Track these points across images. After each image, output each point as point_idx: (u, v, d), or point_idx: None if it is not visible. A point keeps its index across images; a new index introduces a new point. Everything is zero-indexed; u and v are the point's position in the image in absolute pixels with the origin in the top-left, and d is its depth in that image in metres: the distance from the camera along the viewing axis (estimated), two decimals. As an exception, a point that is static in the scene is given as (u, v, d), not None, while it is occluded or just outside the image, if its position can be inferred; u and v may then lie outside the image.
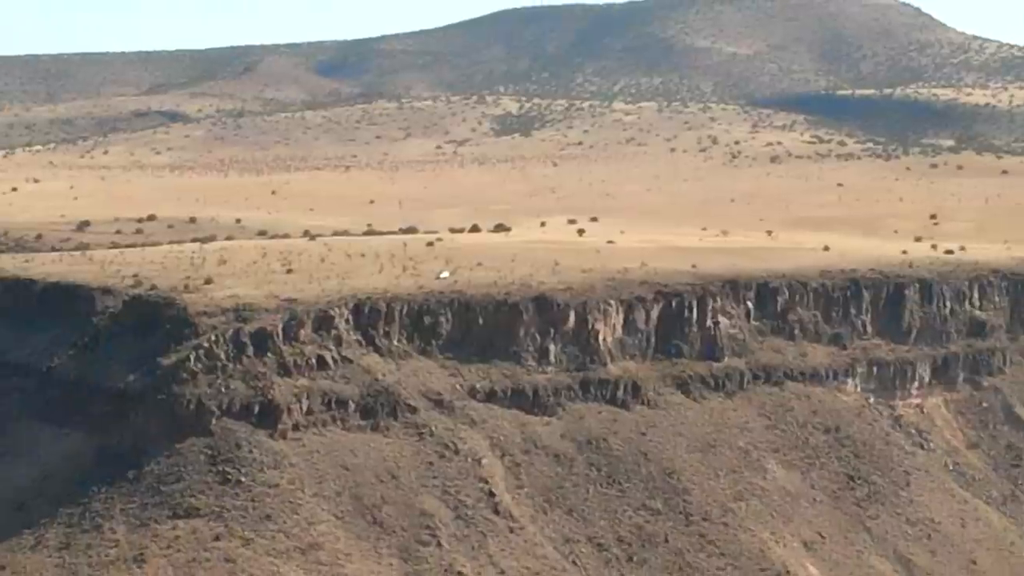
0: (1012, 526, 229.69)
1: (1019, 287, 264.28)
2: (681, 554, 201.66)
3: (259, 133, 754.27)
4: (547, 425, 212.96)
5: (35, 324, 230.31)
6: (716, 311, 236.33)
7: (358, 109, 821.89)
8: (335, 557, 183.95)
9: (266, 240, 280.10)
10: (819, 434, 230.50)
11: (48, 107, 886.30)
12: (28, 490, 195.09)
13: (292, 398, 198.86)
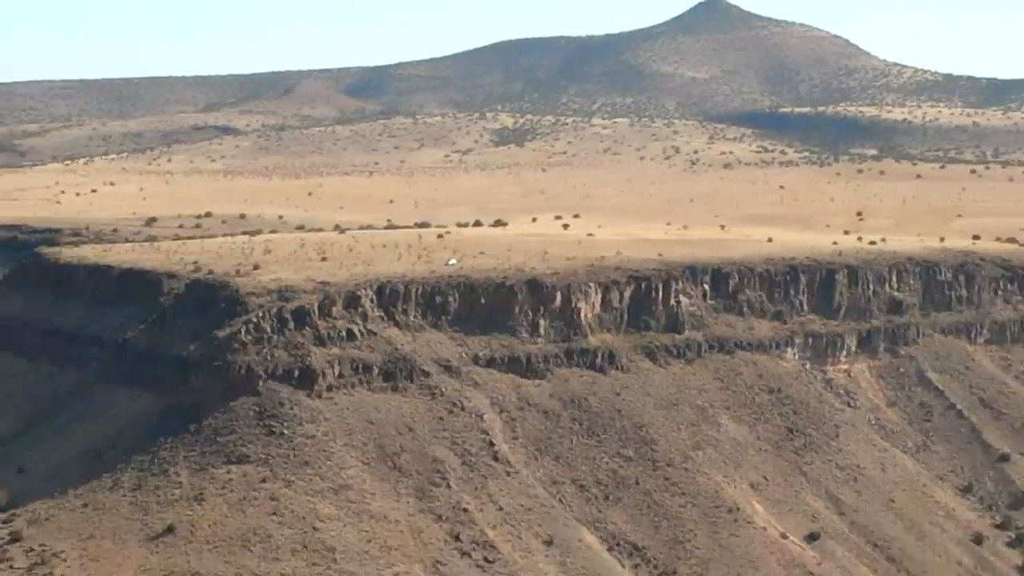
0: (924, 470, 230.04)
1: (930, 272, 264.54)
2: (649, 494, 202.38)
3: (297, 144, 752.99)
4: (537, 387, 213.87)
5: (112, 303, 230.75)
6: (678, 292, 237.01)
7: (379, 124, 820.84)
8: (362, 496, 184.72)
9: (304, 233, 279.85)
10: (763, 394, 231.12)
11: (121, 123, 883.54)
12: (106, 442, 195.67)
13: (326, 364, 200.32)
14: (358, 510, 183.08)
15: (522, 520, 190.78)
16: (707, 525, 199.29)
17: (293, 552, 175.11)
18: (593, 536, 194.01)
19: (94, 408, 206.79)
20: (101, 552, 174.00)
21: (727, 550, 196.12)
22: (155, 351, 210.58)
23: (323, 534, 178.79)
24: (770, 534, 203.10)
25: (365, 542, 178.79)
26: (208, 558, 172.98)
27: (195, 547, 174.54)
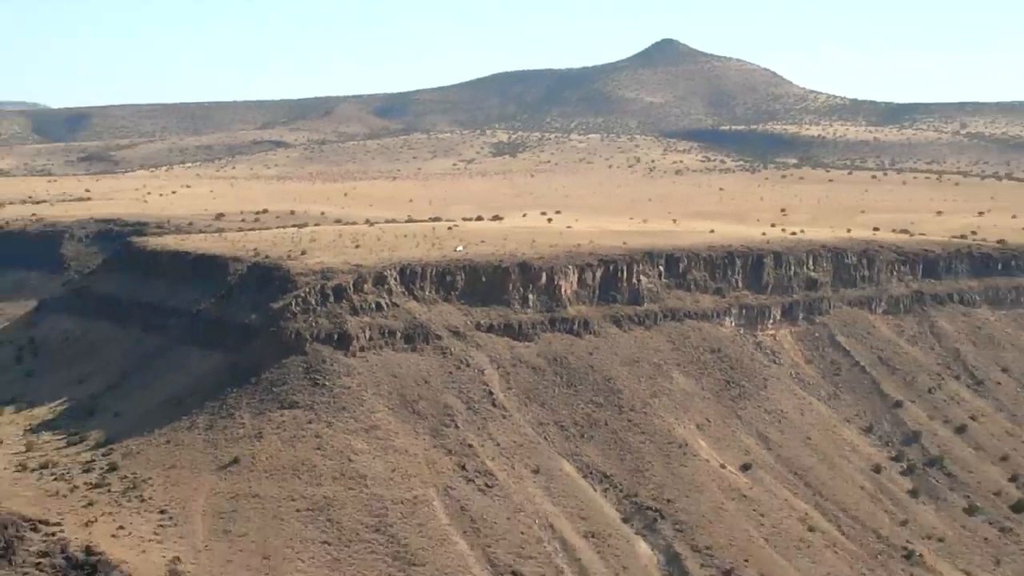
0: (834, 414, 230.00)
1: (839, 256, 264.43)
2: (615, 433, 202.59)
3: (335, 155, 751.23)
4: (527, 347, 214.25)
5: (188, 282, 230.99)
6: (639, 273, 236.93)
7: (400, 139, 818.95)
8: (387, 434, 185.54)
9: (341, 226, 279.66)
10: (706, 354, 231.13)
11: (195, 138, 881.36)
12: (185, 391, 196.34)
13: (359, 330, 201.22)
14: (384, 446, 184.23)
15: (515, 454, 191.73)
16: (662, 458, 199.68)
17: (333, 479, 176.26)
18: (571, 466, 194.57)
19: (174, 365, 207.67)
20: (180, 479, 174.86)
21: (678, 477, 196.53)
22: (223, 320, 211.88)
23: (356, 464, 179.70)
24: (712, 465, 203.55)
25: (390, 471, 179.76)
26: (265, 484, 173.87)
27: (255, 475, 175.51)
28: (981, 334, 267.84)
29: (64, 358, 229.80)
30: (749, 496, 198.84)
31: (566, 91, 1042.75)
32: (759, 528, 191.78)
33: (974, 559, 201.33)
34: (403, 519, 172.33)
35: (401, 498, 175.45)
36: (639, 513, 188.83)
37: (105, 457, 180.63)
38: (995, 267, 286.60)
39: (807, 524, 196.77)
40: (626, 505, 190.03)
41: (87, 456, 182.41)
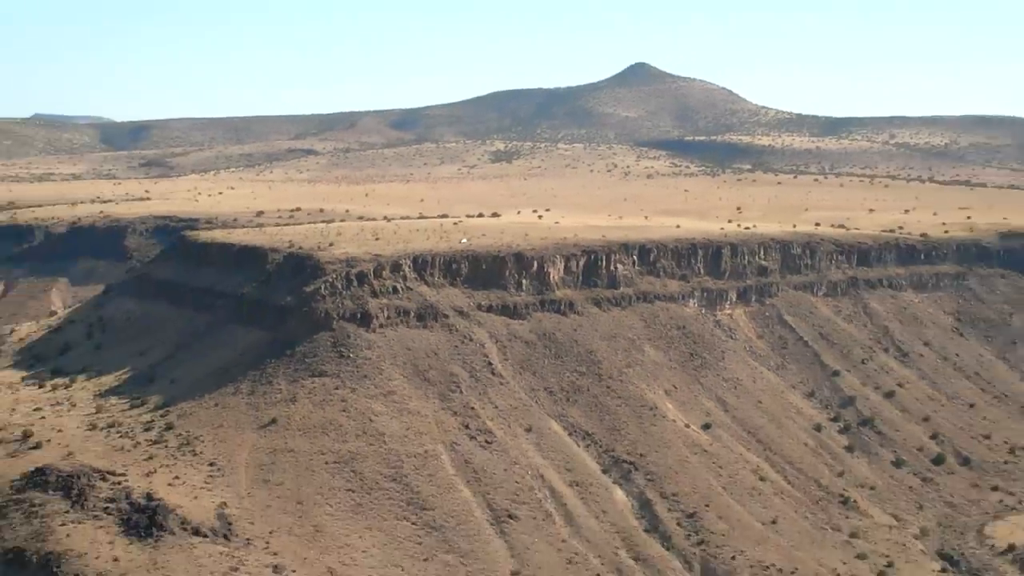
0: (781, 382, 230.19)
1: (786, 247, 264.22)
2: (596, 397, 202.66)
3: (357, 161, 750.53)
4: (521, 325, 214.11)
5: (234, 269, 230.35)
6: (615, 261, 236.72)
7: (413, 148, 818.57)
8: (402, 398, 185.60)
9: (362, 222, 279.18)
10: (673, 330, 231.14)
11: (238, 147, 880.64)
12: (229, 362, 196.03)
13: (378, 310, 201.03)
14: (399, 408, 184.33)
15: (510, 415, 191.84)
16: (635, 419, 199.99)
17: (356, 436, 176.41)
18: (558, 426, 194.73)
19: (220, 340, 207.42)
20: (226, 436, 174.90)
21: (649, 435, 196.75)
22: (263, 301, 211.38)
23: (376, 424, 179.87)
24: (677, 424, 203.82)
25: (404, 429, 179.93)
26: (298, 440, 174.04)
27: (290, 433, 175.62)
28: (906, 314, 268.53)
29: (127, 334, 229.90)
30: (709, 451, 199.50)
31: (554, 107, 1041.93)
32: (718, 478, 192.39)
33: (900, 504, 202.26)
34: (416, 470, 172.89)
35: (414, 452, 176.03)
36: (616, 465, 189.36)
37: (163, 418, 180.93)
38: (919, 257, 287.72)
39: (758, 475, 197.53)
40: (605, 459, 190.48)
41: (147, 417, 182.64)
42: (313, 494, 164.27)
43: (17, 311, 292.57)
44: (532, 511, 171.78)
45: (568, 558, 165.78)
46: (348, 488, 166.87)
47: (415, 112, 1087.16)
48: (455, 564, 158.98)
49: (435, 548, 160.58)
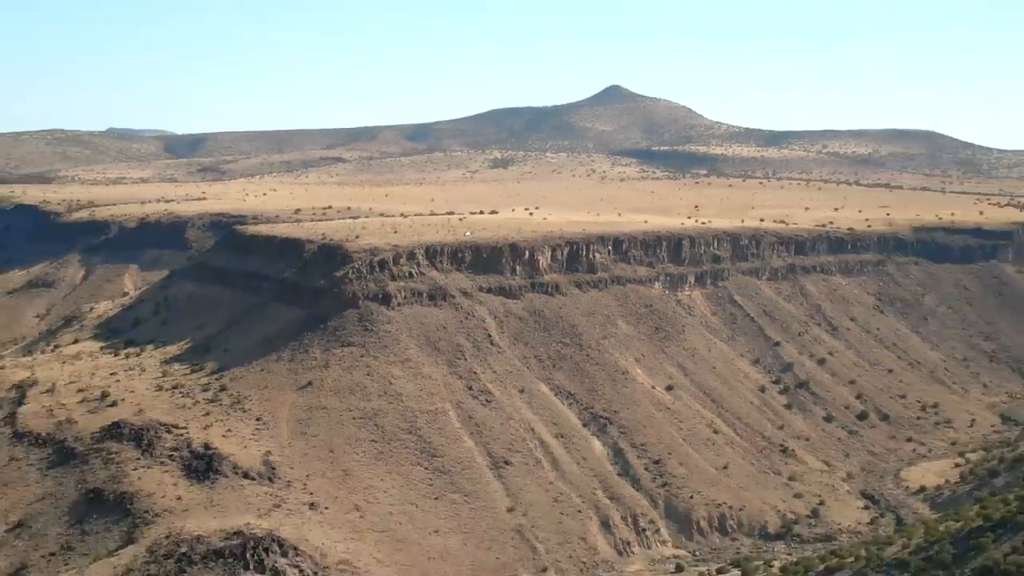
0: (732, 351, 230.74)
1: (735, 239, 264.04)
2: (577, 363, 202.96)
3: (379, 168, 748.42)
4: (515, 303, 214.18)
5: (276, 257, 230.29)
6: (594, 250, 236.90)
7: (425, 156, 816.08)
8: (416, 365, 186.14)
9: (383, 218, 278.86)
10: (642, 308, 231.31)
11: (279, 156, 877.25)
12: (273, 334, 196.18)
13: (397, 291, 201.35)
14: (414, 373, 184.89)
15: (506, 378, 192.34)
16: (610, 381, 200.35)
17: (378, 396, 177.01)
18: (546, 387, 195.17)
19: (265, 316, 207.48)
20: (271, 396, 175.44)
21: (621, 395, 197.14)
22: (300, 284, 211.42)
23: (395, 386, 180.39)
24: (645, 386, 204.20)
25: (418, 390, 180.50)
26: (330, 399, 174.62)
27: (323, 393, 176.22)
28: (836, 294, 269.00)
29: (188, 311, 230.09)
30: (671, 408, 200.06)
31: (542, 122, 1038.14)
32: (679, 431, 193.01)
33: (830, 453, 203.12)
34: (427, 424, 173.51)
35: (426, 409, 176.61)
36: (593, 420, 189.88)
37: (217, 381, 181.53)
38: (846, 247, 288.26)
39: (712, 428, 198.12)
40: (584, 415, 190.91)
41: (204, 380, 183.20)
42: (342, 444, 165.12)
43: (96, 292, 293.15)
44: (524, 458, 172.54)
45: (554, 497, 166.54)
46: (371, 439, 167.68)
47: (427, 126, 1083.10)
48: (460, 502, 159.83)
49: (444, 489, 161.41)
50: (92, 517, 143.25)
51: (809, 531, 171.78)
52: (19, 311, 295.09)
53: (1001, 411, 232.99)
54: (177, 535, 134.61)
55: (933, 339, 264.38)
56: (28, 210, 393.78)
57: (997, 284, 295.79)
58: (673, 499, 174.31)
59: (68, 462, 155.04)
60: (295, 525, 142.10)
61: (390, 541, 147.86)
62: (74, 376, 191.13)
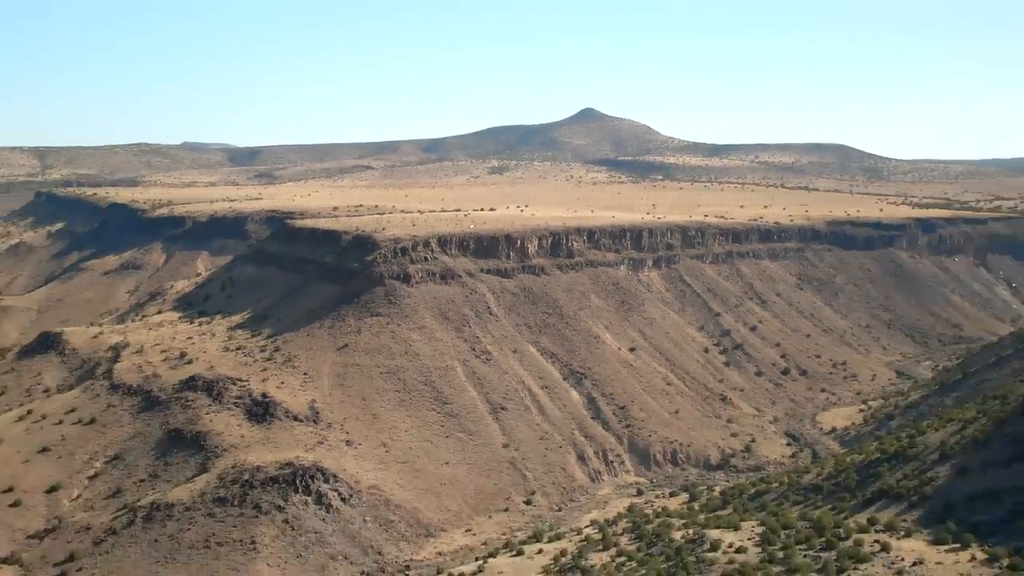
0: (682, 320, 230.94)
1: (685, 231, 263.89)
2: (559, 330, 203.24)
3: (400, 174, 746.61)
4: (509, 282, 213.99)
5: (319, 244, 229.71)
6: (572, 239, 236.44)
7: (437, 164, 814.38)
8: (431, 331, 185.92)
9: (404, 214, 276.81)
10: (610, 286, 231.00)
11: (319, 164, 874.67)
12: (316, 307, 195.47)
13: (415, 272, 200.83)
14: (429, 337, 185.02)
15: (502, 341, 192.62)
16: (584, 344, 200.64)
17: (400, 355, 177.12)
18: (534, 348, 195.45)
19: (310, 292, 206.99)
20: (314, 355, 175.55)
21: (593, 355, 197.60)
22: (338, 266, 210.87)
23: (414, 347, 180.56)
24: (612, 348, 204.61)
25: (432, 350, 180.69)
26: (362, 358, 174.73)
27: (356, 353, 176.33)
28: (764, 275, 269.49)
29: (248, 288, 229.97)
30: (634, 365, 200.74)
31: (531, 137, 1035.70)
32: (639, 383, 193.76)
33: (760, 401, 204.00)
34: (440, 378, 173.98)
35: (438, 366, 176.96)
36: (572, 375, 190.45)
37: (272, 343, 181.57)
38: (773, 236, 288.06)
39: (666, 381, 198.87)
40: (564, 370, 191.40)
41: (262, 343, 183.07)
42: (372, 393, 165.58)
43: (174, 273, 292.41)
44: (516, 405, 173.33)
45: (540, 436, 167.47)
46: (395, 390, 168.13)
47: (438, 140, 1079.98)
48: (465, 439, 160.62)
49: (452, 429, 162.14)
50: (173, 451, 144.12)
51: (743, 463, 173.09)
52: (114, 288, 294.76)
53: (896, 368, 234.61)
54: (241, 465, 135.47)
55: (842, 310, 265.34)
56: (120, 208, 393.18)
57: (893, 267, 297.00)
58: (635, 437, 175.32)
59: (153, 408, 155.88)
60: (334, 458, 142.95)
61: (409, 470, 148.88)
62: (158, 340, 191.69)
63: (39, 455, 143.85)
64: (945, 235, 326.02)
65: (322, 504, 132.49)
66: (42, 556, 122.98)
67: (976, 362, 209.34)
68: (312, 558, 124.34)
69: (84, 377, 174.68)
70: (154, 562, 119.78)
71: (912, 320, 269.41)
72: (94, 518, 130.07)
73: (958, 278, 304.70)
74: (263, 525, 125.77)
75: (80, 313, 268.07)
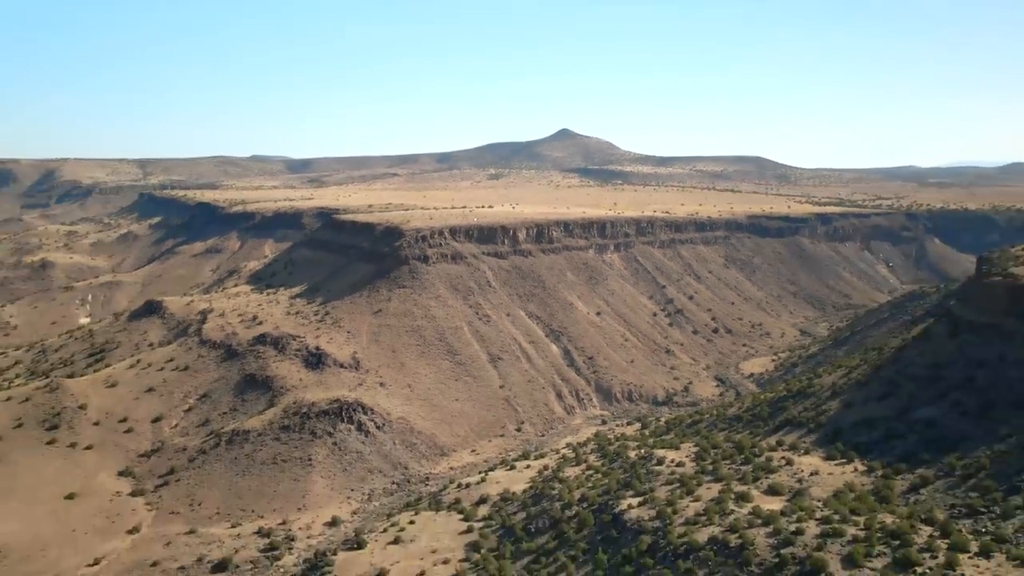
0: (636, 291, 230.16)
1: (639, 223, 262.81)
2: (543, 299, 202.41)
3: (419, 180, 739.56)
4: (505, 262, 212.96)
5: (358, 234, 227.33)
6: (551, 229, 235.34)
7: (447, 172, 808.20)
8: (444, 300, 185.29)
9: (423, 210, 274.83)
10: (580, 265, 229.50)
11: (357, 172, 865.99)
12: (356, 281, 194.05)
13: (432, 254, 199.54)
14: (443, 304, 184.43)
15: (499, 307, 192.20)
16: (561, 309, 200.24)
17: (421, 318, 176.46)
18: (523, 313, 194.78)
19: (351, 271, 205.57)
20: (355, 318, 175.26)
21: (568, 318, 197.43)
22: (373, 250, 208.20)
23: (432, 311, 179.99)
24: (583, 312, 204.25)
25: (445, 314, 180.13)
26: (392, 320, 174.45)
27: (387, 317, 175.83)
28: (699, 257, 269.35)
29: (304, 267, 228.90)
30: (599, 326, 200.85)
31: (521, 151, 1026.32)
32: (603, 339, 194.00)
33: (696, 353, 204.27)
34: (451, 335, 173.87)
35: (450, 326, 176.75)
36: (552, 333, 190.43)
37: (323, 308, 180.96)
38: (706, 227, 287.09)
39: (624, 338, 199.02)
40: (546, 329, 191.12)
41: (315, 308, 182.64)
42: (400, 347, 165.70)
43: (247, 256, 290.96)
44: (509, 356, 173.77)
45: (528, 379, 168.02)
46: (416, 344, 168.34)
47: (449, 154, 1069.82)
48: (471, 382, 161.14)
49: (461, 374, 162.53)
50: (248, 391, 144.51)
51: (683, 400, 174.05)
52: (200, 267, 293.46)
53: (800, 328, 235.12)
54: (300, 402, 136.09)
55: (759, 284, 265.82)
56: (204, 206, 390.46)
57: (798, 250, 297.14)
58: (600, 380, 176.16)
59: (233, 358, 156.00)
60: (371, 396, 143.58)
61: (428, 405, 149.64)
62: (235, 306, 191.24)
63: (146, 394, 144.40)
64: (838, 226, 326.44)
65: (362, 431, 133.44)
66: (149, 470, 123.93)
67: (861, 323, 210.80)
68: (354, 471, 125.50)
69: (179, 334, 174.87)
70: (234, 475, 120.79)
71: (812, 291, 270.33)
72: (188, 441, 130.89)
73: (848, 259, 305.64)
74: (317, 446, 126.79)
75: (175, 286, 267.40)
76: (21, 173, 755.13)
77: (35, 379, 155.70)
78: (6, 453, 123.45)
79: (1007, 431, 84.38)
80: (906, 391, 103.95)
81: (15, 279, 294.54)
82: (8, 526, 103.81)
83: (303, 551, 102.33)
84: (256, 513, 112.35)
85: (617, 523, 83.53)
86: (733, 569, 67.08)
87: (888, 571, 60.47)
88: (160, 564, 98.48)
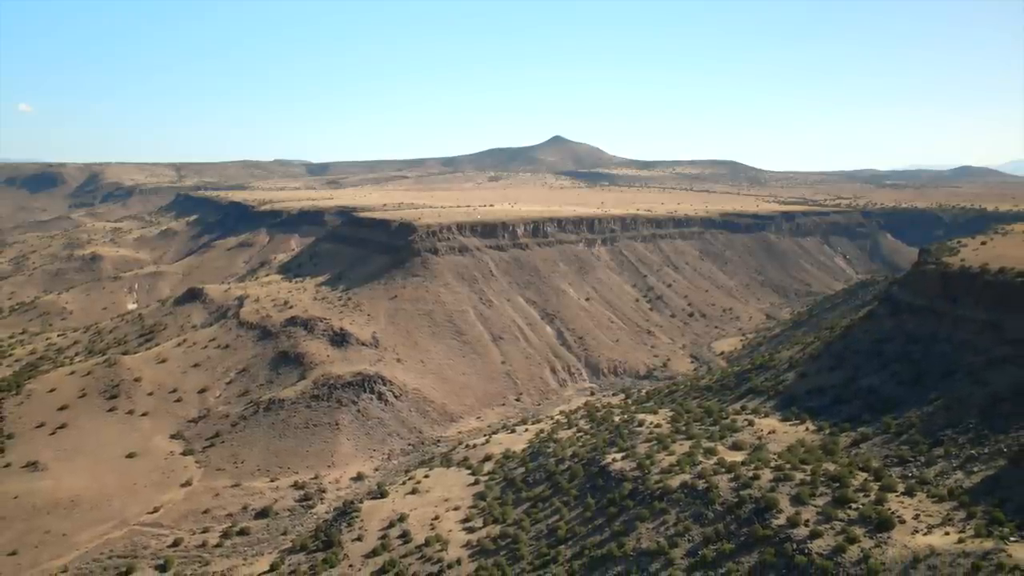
0: (623, 280, 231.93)
1: (624, 220, 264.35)
2: (538, 287, 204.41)
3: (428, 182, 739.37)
4: (505, 253, 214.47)
5: (376, 229, 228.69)
6: (546, 225, 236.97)
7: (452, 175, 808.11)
8: (452, 287, 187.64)
9: (432, 208, 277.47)
10: (572, 257, 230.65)
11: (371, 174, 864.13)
12: (374, 271, 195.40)
13: (441, 247, 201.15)
14: (451, 290, 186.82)
15: (500, 294, 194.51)
16: (555, 295, 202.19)
17: (432, 303, 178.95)
18: (521, 299, 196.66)
19: (370, 262, 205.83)
20: (374, 301, 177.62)
21: (561, 303, 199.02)
22: (389, 243, 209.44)
23: (442, 297, 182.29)
24: (574, 298, 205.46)
25: (452, 299, 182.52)
26: (406, 305, 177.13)
27: (403, 302, 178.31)
28: (677, 250, 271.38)
29: (328, 258, 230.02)
30: (589, 310, 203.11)
31: (518, 156, 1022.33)
32: (593, 322, 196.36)
33: (674, 335, 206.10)
34: (458, 317, 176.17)
35: (457, 310, 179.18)
36: (546, 316, 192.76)
37: (345, 294, 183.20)
38: (684, 224, 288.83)
39: (611, 320, 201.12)
40: (541, 313, 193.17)
41: (338, 295, 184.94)
42: (414, 329, 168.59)
43: (275, 249, 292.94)
44: (510, 336, 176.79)
45: (526, 356, 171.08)
46: (428, 326, 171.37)
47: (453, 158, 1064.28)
48: (476, 359, 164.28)
49: (467, 352, 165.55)
50: (282, 366, 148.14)
51: (662, 374, 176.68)
52: (234, 259, 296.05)
53: (766, 312, 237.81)
54: (327, 375, 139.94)
55: (730, 274, 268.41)
56: (236, 205, 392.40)
57: (765, 245, 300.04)
58: (589, 357, 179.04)
59: (267, 337, 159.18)
60: (389, 370, 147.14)
61: (439, 379, 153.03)
62: (268, 293, 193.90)
63: (192, 368, 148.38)
64: (801, 223, 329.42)
65: (382, 400, 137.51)
66: (198, 433, 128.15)
67: (818, 308, 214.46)
68: (376, 434, 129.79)
69: (219, 317, 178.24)
70: (272, 437, 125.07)
71: (777, 281, 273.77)
72: (231, 409, 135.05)
73: (809, 252, 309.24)
74: (343, 413, 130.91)
75: (212, 276, 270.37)
76: (69, 176, 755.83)
77: (94, 356, 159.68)
78: (73, 419, 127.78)
79: (935, 396, 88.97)
80: (852, 363, 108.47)
81: (68, 270, 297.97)
82: (78, 480, 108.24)
83: (333, 501, 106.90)
84: (291, 470, 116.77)
85: (603, 474, 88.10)
86: (700, 507, 71.79)
87: (829, 507, 65.20)
88: (210, 512, 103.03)
